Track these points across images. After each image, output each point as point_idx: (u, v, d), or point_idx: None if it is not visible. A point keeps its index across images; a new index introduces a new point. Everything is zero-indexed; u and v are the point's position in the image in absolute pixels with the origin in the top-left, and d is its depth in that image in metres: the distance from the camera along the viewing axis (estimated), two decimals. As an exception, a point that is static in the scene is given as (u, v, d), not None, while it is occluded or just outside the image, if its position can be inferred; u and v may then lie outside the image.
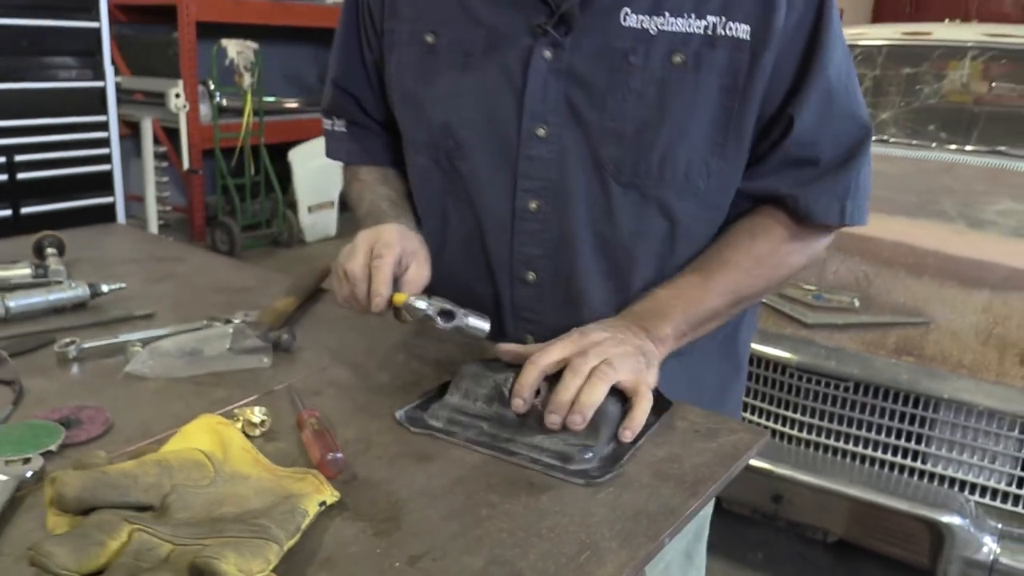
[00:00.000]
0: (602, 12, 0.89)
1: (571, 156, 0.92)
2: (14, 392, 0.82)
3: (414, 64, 0.99)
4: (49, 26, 3.31)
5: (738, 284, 0.95)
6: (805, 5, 0.90)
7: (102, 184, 3.62)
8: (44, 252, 1.21)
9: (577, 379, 0.77)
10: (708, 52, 0.88)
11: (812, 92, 0.90)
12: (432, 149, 1.00)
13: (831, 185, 0.94)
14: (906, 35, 3.39)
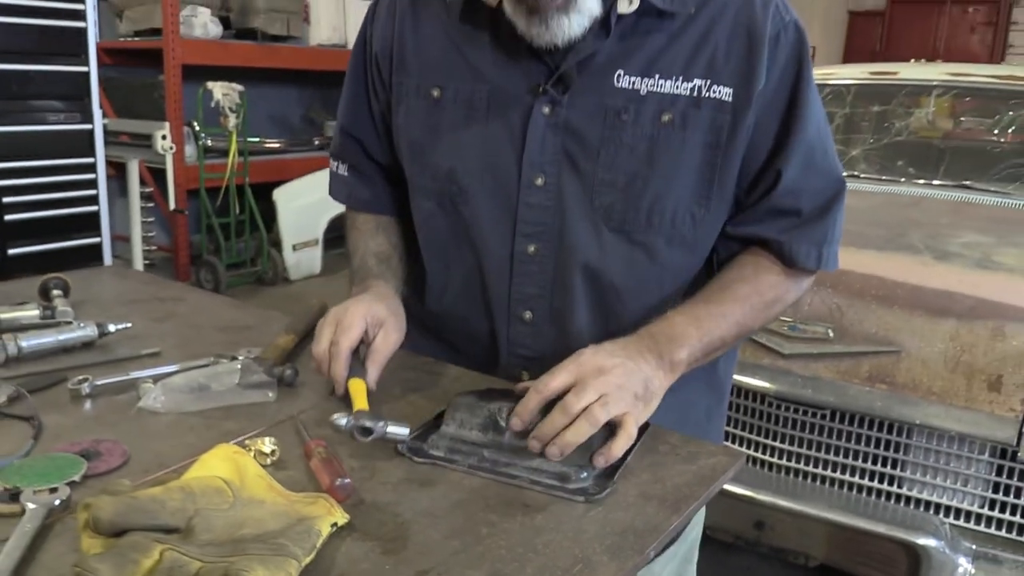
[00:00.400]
0: (597, 73, 0.97)
1: (567, 204, 0.99)
2: (33, 427, 0.87)
3: (421, 115, 1.06)
4: (38, 71, 3.38)
5: (745, 316, 1.02)
6: (785, 70, 0.98)
7: (89, 225, 3.66)
8: (50, 294, 1.26)
9: (564, 418, 0.83)
10: (694, 112, 0.96)
11: (795, 149, 0.99)
12: (437, 194, 1.06)
13: (810, 233, 1.03)
14: (874, 74, 3.53)
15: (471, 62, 1.02)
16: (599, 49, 0.96)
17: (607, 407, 0.84)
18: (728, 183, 1.00)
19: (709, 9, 0.97)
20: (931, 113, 3.33)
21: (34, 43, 3.34)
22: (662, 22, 0.96)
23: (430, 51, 1.05)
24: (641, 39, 0.97)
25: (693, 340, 0.96)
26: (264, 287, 5.17)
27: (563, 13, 0.91)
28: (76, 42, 3.46)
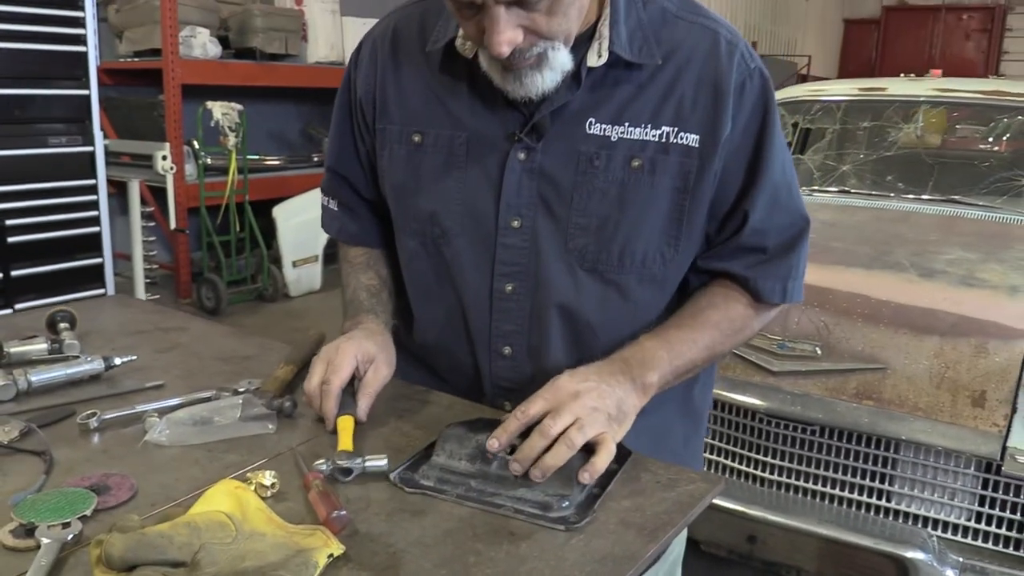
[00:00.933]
0: (570, 121, 1.02)
1: (542, 245, 1.04)
2: (45, 462, 0.91)
3: (403, 160, 1.11)
4: (40, 94, 3.43)
5: (714, 342, 1.08)
6: (751, 116, 1.04)
7: (91, 246, 3.70)
8: (58, 327, 1.31)
9: (544, 441, 0.88)
10: (662, 157, 1.01)
11: (761, 191, 1.05)
12: (420, 235, 1.11)
13: (775, 270, 1.09)
14: (863, 90, 3.58)
15: (450, 110, 1.07)
16: (571, 99, 1.01)
17: (583, 430, 0.89)
18: (696, 224, 1.05)
19: (676, 59, 1.02)
20: (919, 128, 3.38)
21: (36, 67, 3.39)
22: (631, 73, 1.01)
23: (411, 99, 1.10)
24: (611, 89, 1.02)
25: (664, 363, 1.02)
26: (265, 303, 5.22)
27: (536, 71, 0.95)
28: (77, 66, 3.51)
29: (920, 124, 3.37)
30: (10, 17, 3.27)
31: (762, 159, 1.04)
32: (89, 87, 3.58)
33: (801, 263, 1.11)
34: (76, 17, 3.48)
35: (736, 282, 1.10)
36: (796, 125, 3.62)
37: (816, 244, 2.41)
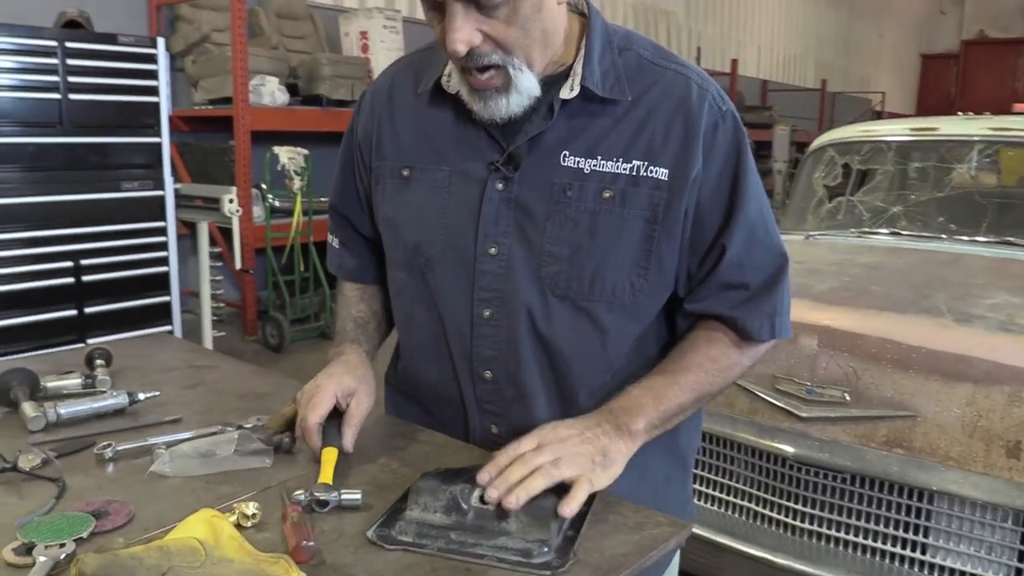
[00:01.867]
0: (545, 153, 1.08)
1: (517, 272, 1.09)
2: (58, 488, 1.00)
3: (394, 194, 1.19)
4: (116, 142, 3.67)
5: (700, 383, 1.11)
6: (726, 156, 1.09)
7: (160, 285, 3.91)
8: (94, 363, 1.41)
9: (523, 469, 0.93)
10: (632, 189, 1.07)
11: (737, 227, 1.09)
12: (407, 265, 1.18)
13: (760, 307, 1.12)
14: (914, 130, 3.53)
15: (436, 144, 1.15)
16: (546, 129, 1.07)
17: (560, 467, 0.94)
18: (665, 256, 1.10)
19: (648, 99, 1.08)
20: (973, 168, 3.31)
21: (112, 117, 3.63)
22: (604, 108, 1.08)
23: (403, 137, 1.19)
24: (586, 124, 1.08)
25: (649, 409, 1.06)
26: (326, 341, 5.37)
27: (502, 94, 1.02)
28: (150, 115, 3.74)
29: (973, 164, 3.30)
30: (90, 71, 3.53)
31: (737, 196, 1.09)
32: (161, 135, 3.81)
33: (784, 299, 1.14)
34: (150, 70, 3.72)
35: (723, 322, 1.13)
36: (847, 166, 3.58)
37: (853, 288, 2.43)
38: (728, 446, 2.20)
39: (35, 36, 3.41)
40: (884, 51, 18.26)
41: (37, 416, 1.19)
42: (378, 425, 1.23)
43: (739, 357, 1.15)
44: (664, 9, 11.19)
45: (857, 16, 16.86)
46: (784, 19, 14.37)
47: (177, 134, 5.58)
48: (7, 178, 3.37)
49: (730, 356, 1.14)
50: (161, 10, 5.57)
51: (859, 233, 3.31)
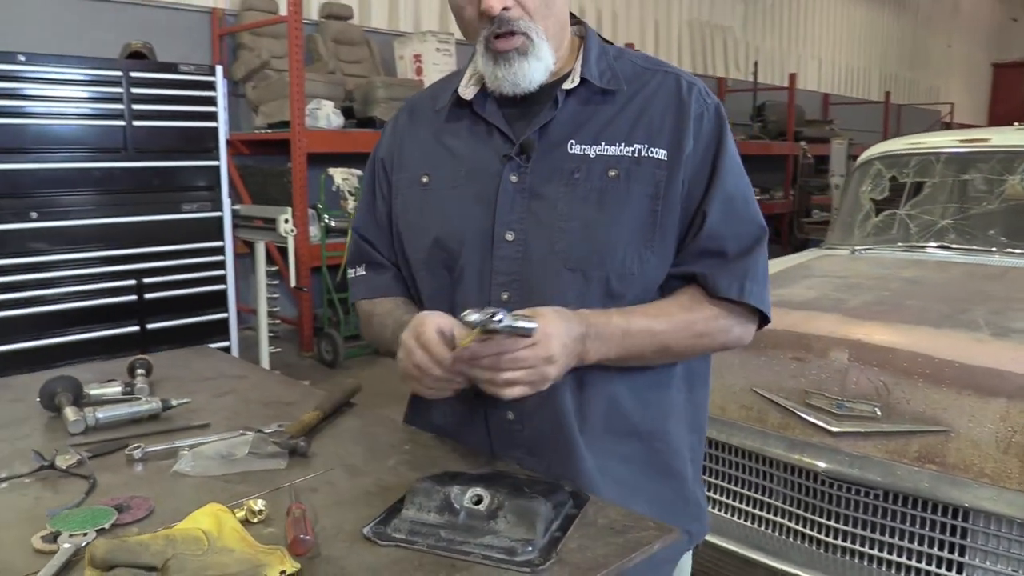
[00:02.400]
0: (554, 144, 1.19)
1: (532, 251, 1.17)
2: (89, 484, 1.08)
3: (414, 199, 1.28)
4: (176, 166, 3.86)
5: (670, 339, 1.18)
6: (709, 140, 1.20)
7: (218, 302, 4.08)
8: (135, 372, 1.51)
9: (494, 372, 1.02)
10: (635, 168, 1.17)
11: (715, 197, 1.18)
12: (428, 264, 1.25)
13: (733, 269, 1.18)
14: (964, 142, 3.46)
15: (452, 149, 1.25)
16: (553, 122, 1.18)
17: (517, 388, 1.03)
18: (668, 229, 1.18)
19: (644, 93, 1.21)
20: (1025, 181, 3.23)
21: (173, 143, 3.82)
22: (605, 99, 1.20)
23: (421, 148, 1.29)
24: (591, 112, 1.20)
25: (613, 345, 1.12)
26: (378, 357, 5.48)
27: (523, 58, 1.14)
28: (209, 140, 3.92)
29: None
30: (153, 99, 3.72)
31: (716, 172, 1.19)
32: (219, 159, 3.99)
33: (759, 268, 1.20)
34: (209, 97, 3.90)
35: (698, 283, 1.20)
36: (894, 179, 3.53)
37: (889, 302, 2.41)
38: (759, 460, 2.20)
39: (102, 67, 3.62)
40: (953, 61, 17.77)
41: (77, 420, 1.28)
42: (392, 432, 1.29)
43: (715, 328, 1.19)
44: (720, 24, 11.14)
45: (923, 26, 16.47)
46: (846, 31, 14.13)
47: (238, 157, 5.81)
48: (76, 201, 3.58)
49: (708, 324, 1.19)
50: (224, 39, 5.82)
51: (906, 247, 3.26)
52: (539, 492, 1.00)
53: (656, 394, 1.24)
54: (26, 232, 3.45)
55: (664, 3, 10.22)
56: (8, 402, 1.45)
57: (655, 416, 1.24)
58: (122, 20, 5.30)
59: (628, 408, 1.22)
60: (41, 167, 3.47)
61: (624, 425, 1.22)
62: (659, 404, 1.25)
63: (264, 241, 4.78)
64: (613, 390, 1.20)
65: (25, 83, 3.41)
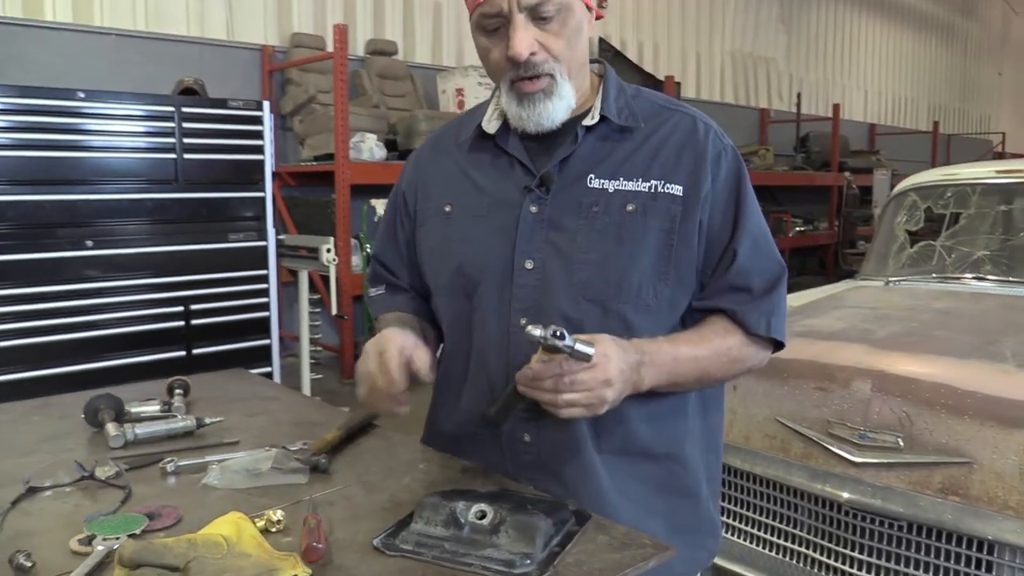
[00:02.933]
0: (573, 177, 1.25)
1: (551, 280, 1.22)
2: (124, 494, 1.17)
3: (438, 228, 1.34)
4: (224, 197, 4.01)
5: (711, 365, 1.24)
6: (727, 180, 1.26)
7: (261, 328, 4.20)
8: (173, 392, 1.60)
9: (552, 395, 1.08)
10: (652, 203, 1.22)
11: (744, 236, 1.24)
12: (450, 290, 1.32)
13: (759, 306, 1.24)
14: (1000, 172, 3.45)
15: (475, 181, 1.31)
16: (573, 156, 1.24)
17: (576, 409, 1.09)
18: (683, 263, 1.23)
19: (661, 132, 1.27)
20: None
21: (222, 174, 3.98)
22: (623, 136, 1.26)
23: (445, 179, 1.36)
24: (610, 149, 1.25)
25: (664, 372, 1.18)
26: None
27: (547, 98, 1.20)
28: (255, 172, 4.07)
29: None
30: (203, 132, 3.89)
31: (741, 212, 1.25)
32: (265, 190, 4.13)
33: (781, 304, 1.27)
34: (256, 131, 4.06)
35: (729, 317, 1.25)
36: (929, 210, 3.52)
37: (916, 333, 2.41)
38: (783, 490, 2.21)
39: (156, 103, 3.80)
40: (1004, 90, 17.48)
41: (117, 435, 1.37)
42: (409, 452, 1.35)
43: (747, 355, 1.26)
44: (763, 56, 11.15)
45: (973, 55, 16.25)
46: (893, 62, 14.01)
47: (285, 188, 5.99)
48: (129, 230, 3.74)
49: (741, 351, 1.25)
50: (273, 75, 6.03)
51: (941, 278, 3.24)
52: (541, 509, 1.05)
53: (671, 420, 1.29)
54: (81, 260, 3.62)
55: (706, 35, 10.28)
56: (56, 418, 1.55)
57: (671, 441, 1.29)
58: (177, 57, 5.53)
59: (642, 432, 1.26)
60: (97, 198, 3.64)
61: (638, 447, 1.27)
62: (674, 429, 1.29)
63: (307, 270, 4.92)
64: (627, 416, 1.24)
65: (84, 118, 3.59)
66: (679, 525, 1.27)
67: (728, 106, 10.51)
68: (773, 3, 11.23)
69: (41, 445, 1.41)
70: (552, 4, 1.16)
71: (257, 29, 6.06)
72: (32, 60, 4.99)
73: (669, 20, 9.74)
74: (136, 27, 5.46)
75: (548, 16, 1.16)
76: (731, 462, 2.27)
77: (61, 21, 5.15)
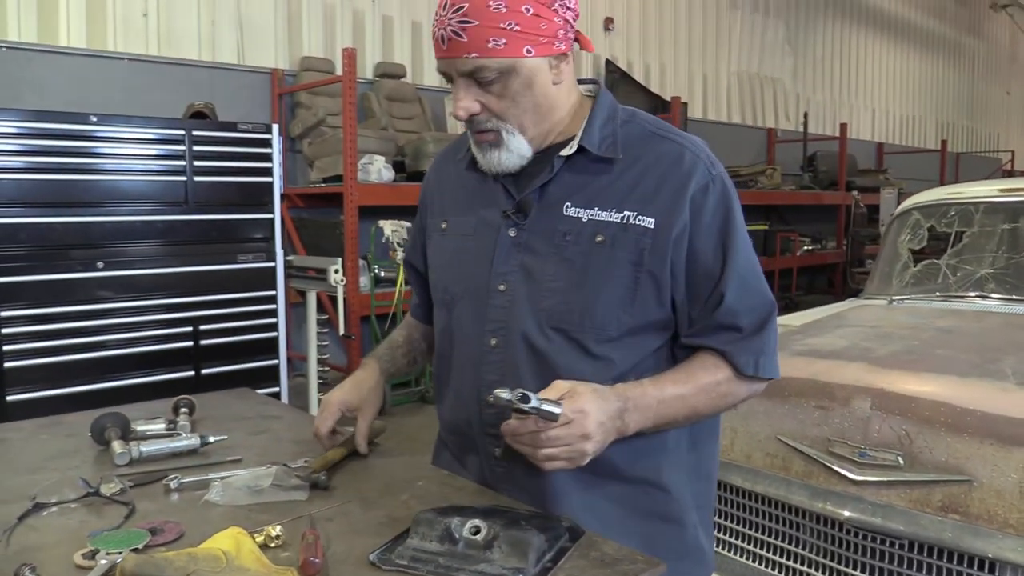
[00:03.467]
0: (551, 205, 1.27)
1: (520, 306, 1.26)
2: (128, 510, 1.19)
3: (436, 243, 1.41)
4: (233, 219, 4.06)
5: (699, 402, 1.25)
6: (715, 212, 1.24)
7: (269, 348, 4.24)
8: (179, 411, 1.63)
9: (533, 449, 1.11)
10: (621, 234, 1.23)
11: (732, 275, 1.24)
12: (440, 304, 1.38)
13: (749, 346, 1.25)
14: (1004, 191, 3.46)
15: (467, 199, 1.36)
16: (551, 184, 1.27)
17: (558, 463, 1.11)
18: (649, 296, 1.23)
19: (646, 160, 1.26)
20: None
21: (231, 196, 4.04)
22: (603, 166, 1.26)
23: (446, 196, 1.42)
24: (589, 178, 1.27)
25: (650, 415, 1.19)
26: (426, 404, 5.58)
27: (496, 149, 1.24)
28: (264, 194, 4.13)
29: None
30: (213, 155, 3.96)
31: (729, 249, 1.24)
32: (274, 212, 4.19)
33: (771, 342, 1.27)
34: (265, 153, 4.12)
35: (718, 355, 1.26)
36: (932, 229, 3.54)
37: (917, 352, 2.43)
38: (784, 508, 2.21)
39: (167, 127, 3.87)
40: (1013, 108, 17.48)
41: (123, 452, 1.40)
42: (408, 470, 1.38)
43: (735, 389, 1.27)
44: (770, 76, 11.22)
45: (980, 74, 16.28)
46: (900, 81, 14.06)
47: (294, 210, 6.06)
48: (139, 252, 3.80)
49: (730, 386, 1.26)
50: (283, 98, 6.12)
51: (944, 297, 3.25)
52: (535, 525, 1.07)
53: (646, 443, 1.28)
54: (93, 281, 3.68)
55: (712, 56, 10.35)
56: (64, 436, 1.59)
57: (646, 467, 1.29)
58: (188, 81, 5.63)
59: (614, 456, 1.24)
60: (108, 220, 3.71)
61: (609, 468, 1.27)
62: (650, 455, 1.29)
63: (316, 290, 4.96)
64: None
65: (96, 142, 3.66)
66: (661, 550, 1.27)
67: (735, 126, 10.57)
68: (779, 25, 11.30)
69: (48, 463, 1.44)
70: (488, 71, 1.18)
71: (267, 53, 6.16)
72: (47, 85, 5.09)
73: (676, 41, 9.82)
74: (148, 52, 5.56)
75: (488, 80, 1.19)
76: (732, 480, 2.28)
77: (75, 46, 5.25)
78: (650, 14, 9.46)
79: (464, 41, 1.17)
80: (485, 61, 1.17)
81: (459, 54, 1.18)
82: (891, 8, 13.60)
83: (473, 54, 1.17)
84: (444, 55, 1.20)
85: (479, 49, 1.17)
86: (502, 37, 1.16)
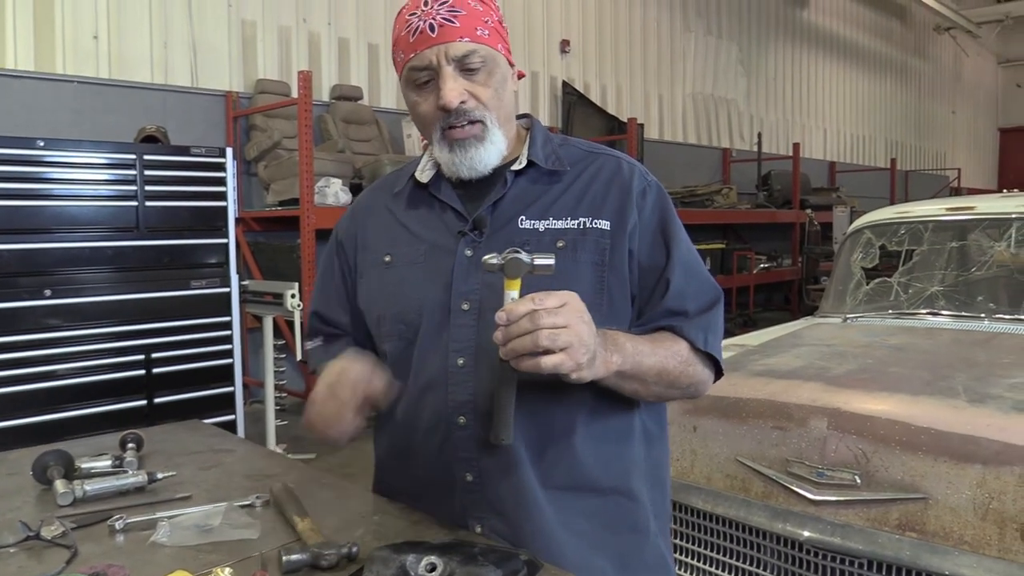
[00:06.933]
0: (505, 219, 1.29)
1: (486, 321, 1.23)
2: (70, 554, 1.15)
3: (377, 278, 1.37)
4: (186, 244, 3.99)
5: (667, 361, 1.25)
6: (653, 213, 1.32)
7: (224, 376, 4.16)
8: (126, 446, 1.58)
9: (530, 325, 1.05)
10: (581, 238, 1.27)
11: (675, 264, 1.29)
12: (391, 337, 1.33)
13: (697, 322, 1.29)
14: (950, 210, 3.54)
15: (411, 229, 1.35)
16: (504, 199, 1.29)
17: (559, 338, 1.04)
18: (616, 294, 1.27)
19: (588, 172, 1.33)
20: (1012, 246, 3.29)
21: (184, 221, 3.97)
22: (551, 179, 1.32)
23: (382, 230, 1.39)
24: (539, 191, 1.31)
25: (628, 354, 1.19)
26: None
27: (480, 143, 1.26)
28: (217, 219, 4.07)
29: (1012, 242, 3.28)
30: (165, 180, 3.89)
31: (670, 242, 1.30)
32: (228, 236, 4.12)
33: (718, 324, 1.32)
34: (219, 177, 4.07)
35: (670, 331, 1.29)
36: (884, 247, 3.60)
37: (872, 370, 2.45)
38: (745, 530, 2.22)
39: (117, 151, 3.80)
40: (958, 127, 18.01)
41: (66, 492, 1.35)
42: (363, 503, 1.35)
43: (695, 364, 1.28)
44: (724, 97, 11.41)
45: (927, 94, 16.76)
46: (850, 102, 14.40)
47: (250, 234, 5.98)
48: (89, 279, 3.71)
49: (691, 356, 1.28)
50: (237, 121, 6.05)
51: (897, 314, 3.30)
52: (491, 560, 1.05)
53: (616, 449, 1.29)
54: (40, 309, 3.58)
55: (667, 78, 10.50)
56: (4, 475, 1.52)
57: (617, 473, 1.30)
58: (140, 104, 5.54)
59: (589, 463, 1.26)
60: (56, 246, 3.62)
61: (585, 481, 1.27)
62: (620, 460, 1.30)
63: (272, 315, 4.89)
64: (573, 443, 1.26)
65: (44, 167, 3.58)
66: (629, 563, 1.27)
67: (691, 146, 10.72)
68: (732, 47, 11.52)
69: (-13, 504, 1.38)
70: (478, 56, 1.23)
71: (222, 76, 6.10)
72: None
73: (631, 63, 9.95)
74: (99, 75, 5.47)
75: (475, 67, 1.24)
76: (692, 503, 2.28)
77: (23, 69, 5.14)
78: (606, 37, 9.58)
79: (456, 27, 1.22)
80: (476, 46, 1.23)
81: (452, 38, 1.22)
82: (840, 31, 13.96)
83: (466, 38, 1.23)
84: (435, 42, 1.22)
85: (470, 34, 1.23)
86: (485, 29, 1.25)
